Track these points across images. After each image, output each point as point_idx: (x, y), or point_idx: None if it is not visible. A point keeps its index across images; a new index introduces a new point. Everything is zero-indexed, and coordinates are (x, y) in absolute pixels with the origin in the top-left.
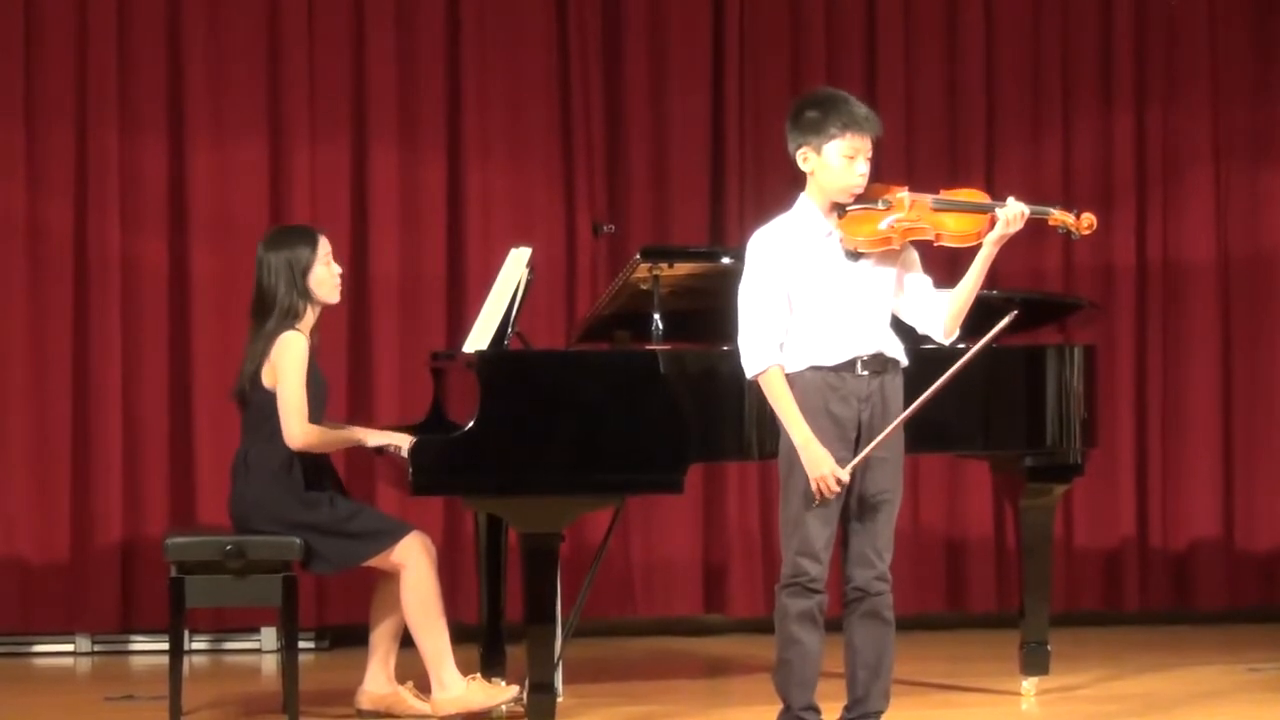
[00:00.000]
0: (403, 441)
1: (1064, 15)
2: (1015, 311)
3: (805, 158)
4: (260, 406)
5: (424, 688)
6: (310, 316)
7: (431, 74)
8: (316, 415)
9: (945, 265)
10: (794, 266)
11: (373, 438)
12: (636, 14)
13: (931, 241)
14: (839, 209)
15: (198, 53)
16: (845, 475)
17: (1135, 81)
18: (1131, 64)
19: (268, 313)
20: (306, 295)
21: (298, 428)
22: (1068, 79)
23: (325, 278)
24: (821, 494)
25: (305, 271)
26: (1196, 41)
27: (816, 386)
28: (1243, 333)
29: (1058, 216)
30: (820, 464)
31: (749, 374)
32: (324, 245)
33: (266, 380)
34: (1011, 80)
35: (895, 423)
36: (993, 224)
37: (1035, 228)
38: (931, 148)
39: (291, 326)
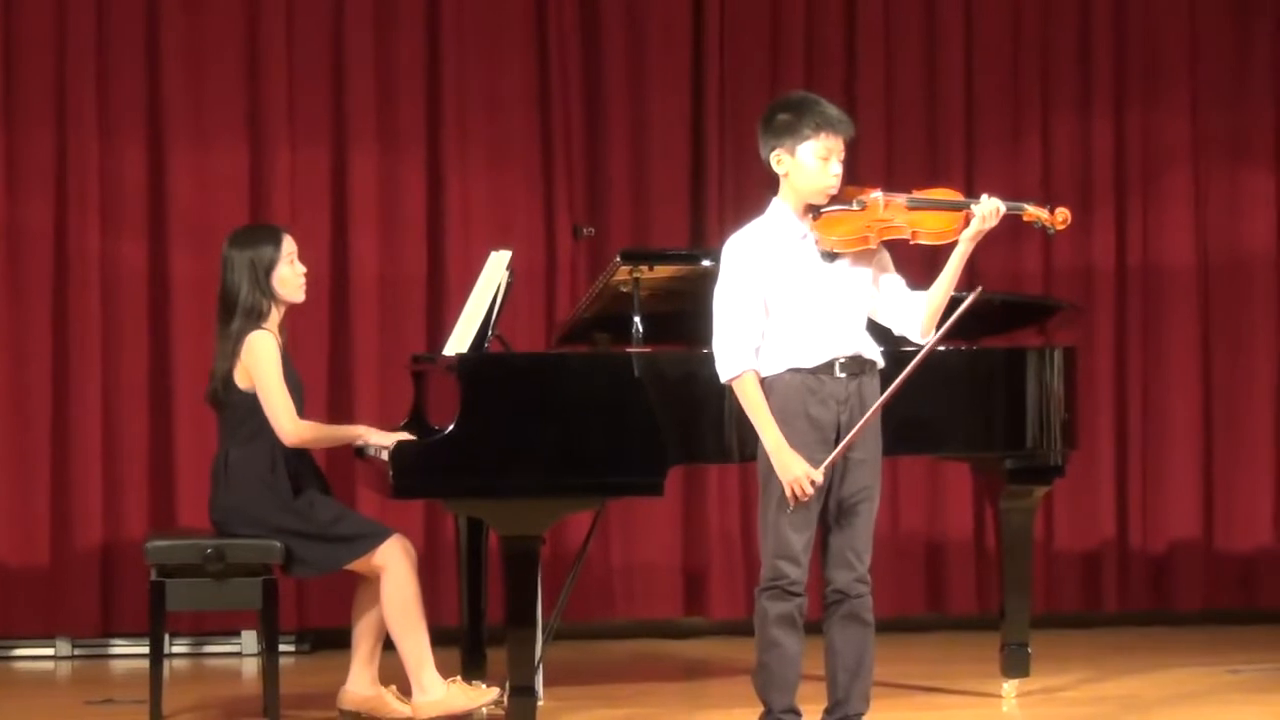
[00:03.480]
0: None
1: (1043, 16)
2: (980, 288)
3: (779, 160)
4: (236, 408)
5: (406, 691)
6: (275, 315)
7: (411, 78)
8: (297, 412)
9: (922, 265)
10: (770, 270)
11: (373, 435)
12: (615, 17)
13: (908, 240)
14: (813, 211)
15: (177, 57)
16: (819, 476)
17: (1114, 83)
18: (1111, 65)
19: (231, 312)
20: (270, 294)
21: (289, 425)
22: (1047, 80)
23: (289, 277)
24: (796, 498)
25: (269, 270)
26: (1176, 43)
27: (795, 389)
28: (1222, 334)
29: (1032, 212)
30: (791, 468)
31: (723, 379)
32: (288, 244)
33: (240, 382)
34: (991, 82)
35: (869, 413)
36: (968, 221)
37: (1014, 228)
38: (911, 149)
39: (258, 326)
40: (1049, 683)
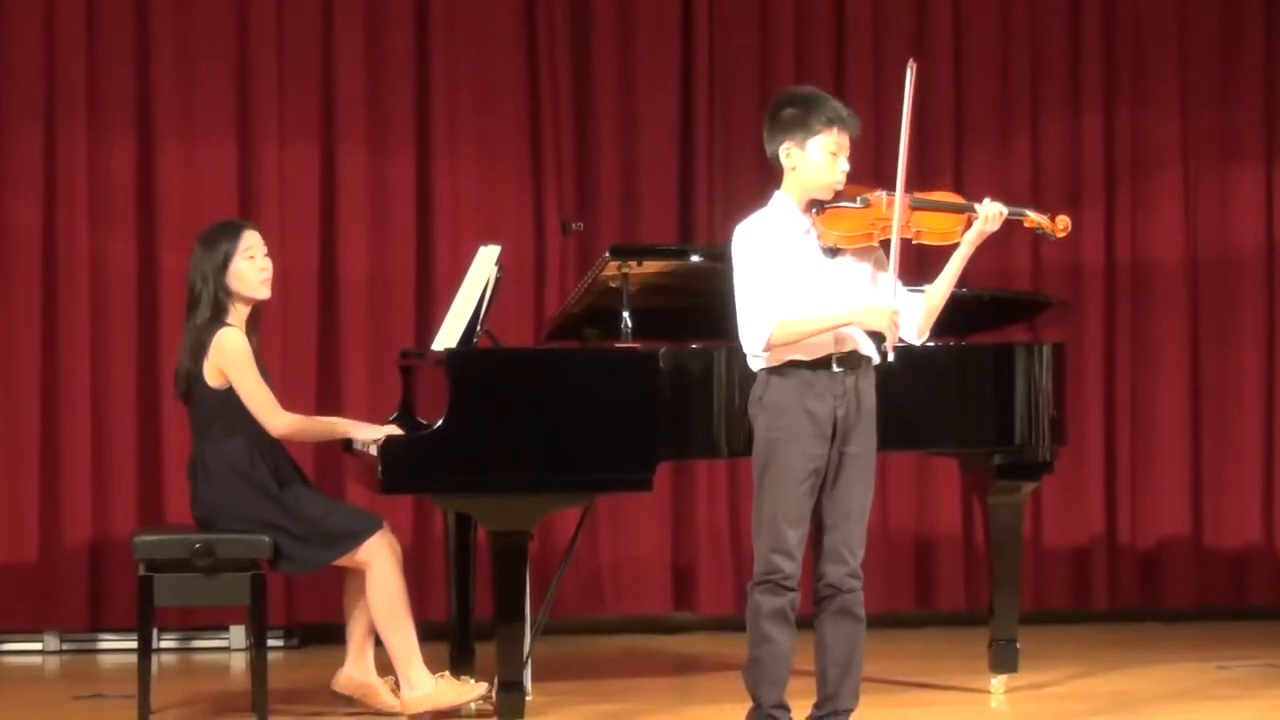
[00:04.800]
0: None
1: (1032, 16)
2: (912, 63)
3: (789, 153)
4: (206, 405)
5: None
6: (240, 311)
7: (400, 74)
8: None
9: (913, 266)
10: (774, 261)
11: (361, 430)
12: (605, 14)
13: (910, 240)
14: (816, 206)
15: (167, 54)
16: (895, 304)
17: (1104, 82)
18: (1100, 65)
19: (193, 309)
20: (226, 291)
21: (276, 419)
22: (1036, 80)
23: (246, 272)
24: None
25: (223, 266)
26: (1164, 42)
27: (793, 384)
28: (1211, 332)
29: (1033, 218)
30: (881, 313)
31: (758, 348)
32: (247, 239)
33: (210, 379)
34: (980, 81)
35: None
36: (969, 223)
37: (1005, 227)
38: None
39: (221, 323)
40: (1038, 678)
